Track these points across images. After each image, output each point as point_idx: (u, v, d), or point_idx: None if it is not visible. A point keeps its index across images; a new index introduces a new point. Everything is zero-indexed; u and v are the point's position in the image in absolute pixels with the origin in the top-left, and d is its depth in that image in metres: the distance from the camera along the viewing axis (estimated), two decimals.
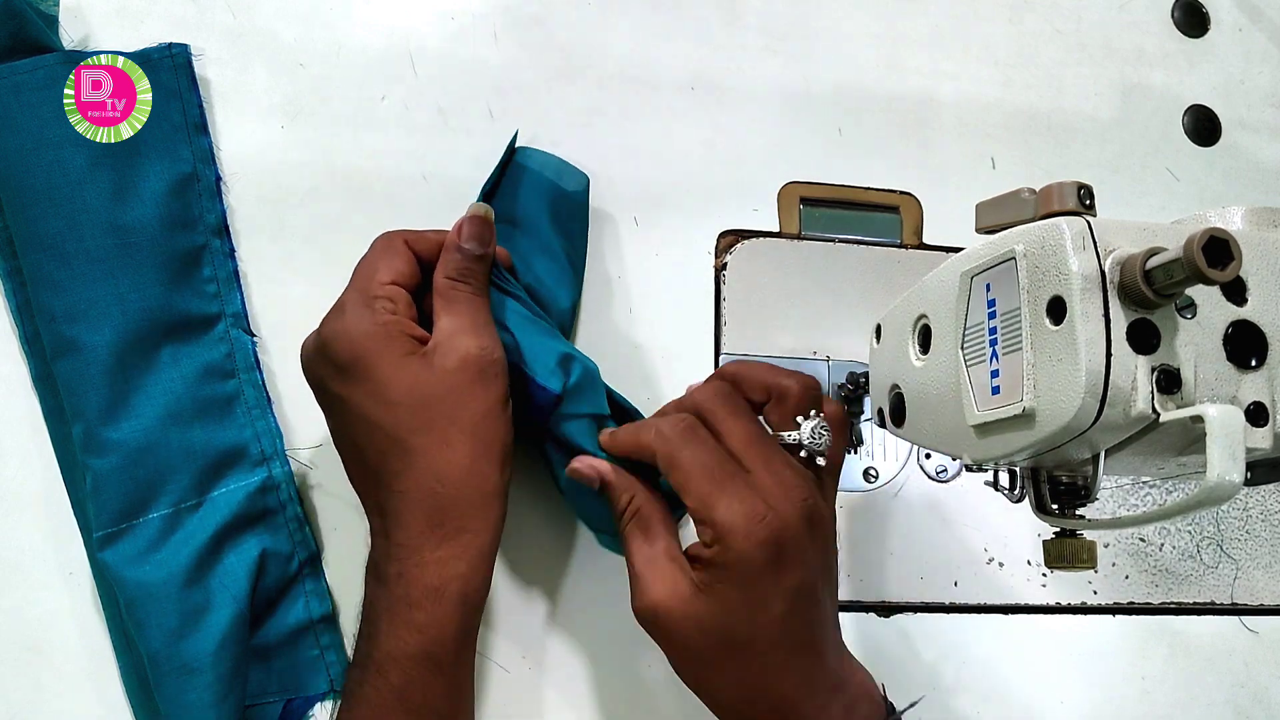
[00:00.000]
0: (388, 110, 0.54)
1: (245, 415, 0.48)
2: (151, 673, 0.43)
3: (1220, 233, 0.30)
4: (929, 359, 0.42)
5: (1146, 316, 0.33)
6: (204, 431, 0.47)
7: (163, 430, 0.46)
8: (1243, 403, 0.34)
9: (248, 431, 0.48)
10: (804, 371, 0.44)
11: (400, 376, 0.40)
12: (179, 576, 0.44)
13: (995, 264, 0.37)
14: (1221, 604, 0.57)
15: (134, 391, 0.46)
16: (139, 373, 0.46)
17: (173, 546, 0.45)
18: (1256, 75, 0.66)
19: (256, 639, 0.46)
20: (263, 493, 0.48)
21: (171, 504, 0.46)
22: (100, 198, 0.46)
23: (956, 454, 0.41)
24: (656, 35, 0.58)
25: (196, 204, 0.49)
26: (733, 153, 0.58)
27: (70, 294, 0.46)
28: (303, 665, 0.47)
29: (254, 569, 0.46)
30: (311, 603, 0.48)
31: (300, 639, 0.47)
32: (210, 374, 0.48)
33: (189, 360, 0.47)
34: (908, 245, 0.58)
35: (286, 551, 0.48)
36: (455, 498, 0.40)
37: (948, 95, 0.61)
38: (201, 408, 0.47)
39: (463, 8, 0.56)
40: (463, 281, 0.43)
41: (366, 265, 0.43)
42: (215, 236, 0.49)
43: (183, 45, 0.50)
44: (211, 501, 0.46)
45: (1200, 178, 0.64)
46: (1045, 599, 0.55)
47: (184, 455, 0.46)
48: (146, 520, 0.45)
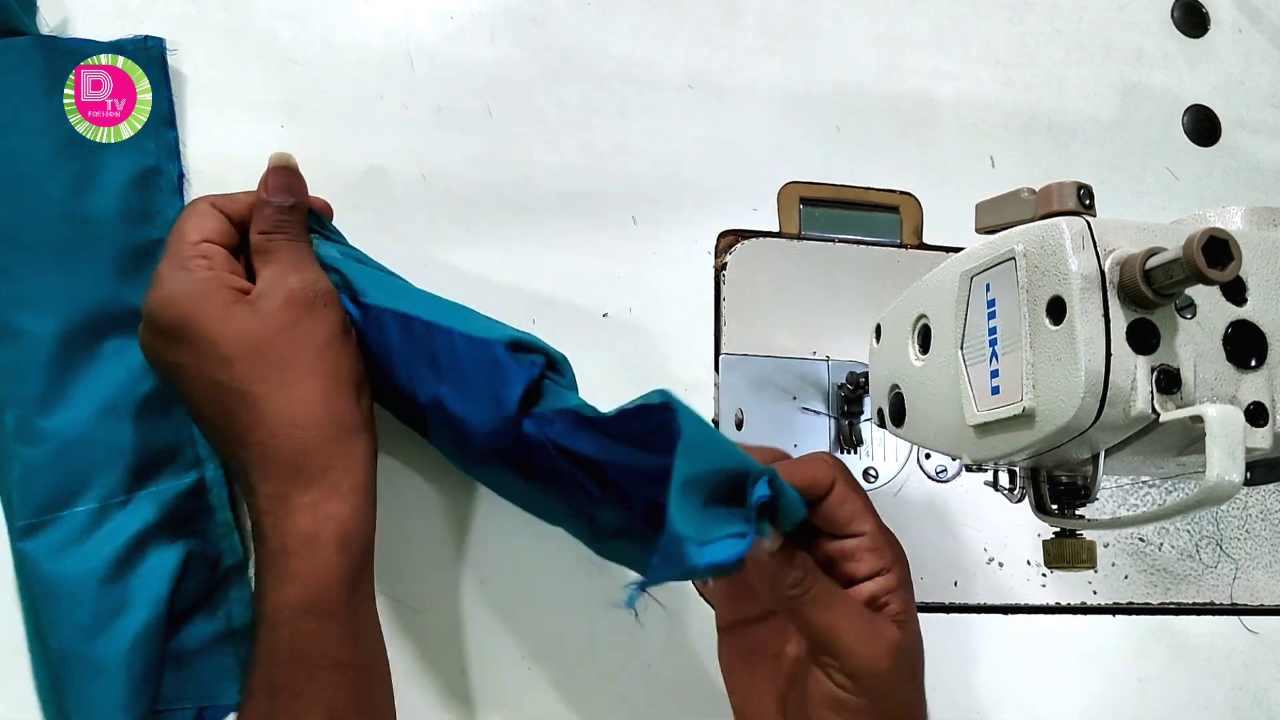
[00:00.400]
0: (386, 109, 0.54)
1: (184, 416, 0.47)
2: (61, 669, 0.43)
3: (1220, 233, 0.30)
4: (929, 359, 0.42)
5: (1146, 316, 0.33)
6: (140, 428, 0.46)
7: (98, 424, 0.45)
8: (1242, 403, 0.34)
9: (185, 432, 0.47)
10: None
11: (228, 329, 0.40)
12: (98, 573, 0.43)
13: (995, 264, 0.37)
14: (1221, 604, 0.57)
15: (73, 383, 0.45)
16: (81, 364, 0.46)
17: (96, 542, 0.44)
18: (1256, 75, 0.66)
19: (173, 644, 0.45)
20: (193, 495, 0.47)
21: (99, 499, 0.45)
22: (60, 186, 0.46)
23: (956, 454, 0.41)
24: (655, 35, 0.58)
25: (158, 198, 0.49)
26: (732, 153, 0.58)
27: (20, 280, 0.45)
28: (218, 673, 0.46)
29: (176, 572, 0.45)
30: (233, 611, 0.47)
31: (218, 647, 0.46)
32: (152, 371, 0.47)
33: (133, 355, 0.46)
34: (908, 245, 0.58)
35: (213, 557, 0.47)
36: (313, 438, 0.40)
37: (948, 95, 0.61)
38: (141, 404, 0.46)
39: (461, 7, 0.56)
40: (278, 233, 0.43)
41: (175, 231, 0.42)
42: None
43: (158, 39, 0.50)
44: (140, 499, 0.45)
45: (1200, 178, 0.64)
46: (1045, 599, 0.55)
47: (117, 451, 0.45)
48: (72, 513, 0.44)
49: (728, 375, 0.55)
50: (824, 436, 0.55)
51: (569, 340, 0.53)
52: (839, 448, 0.55)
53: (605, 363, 0.53)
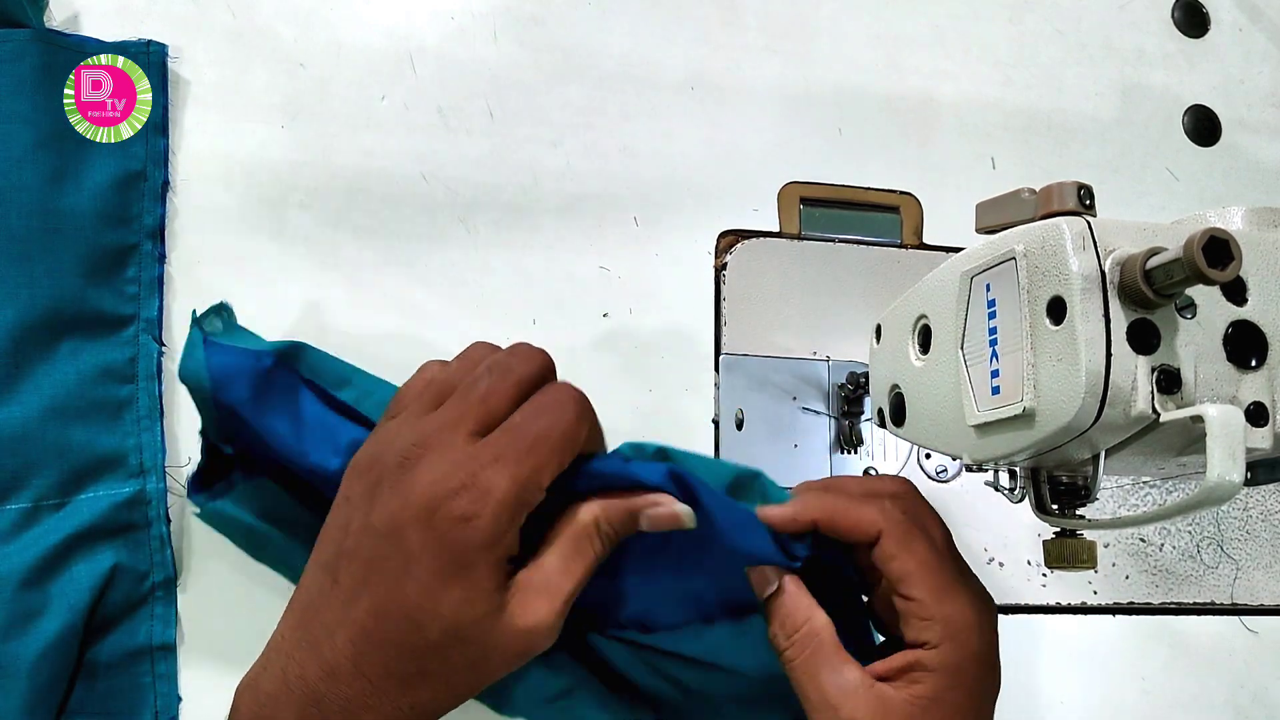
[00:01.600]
0: (387, 110, 0.54)
1: (133, 423, 0.46)
2: None
3: (1220, 233, 0.30)
4: (929, 359, 0.42)
5: (1146, 316, 0.33)
6: (85, 432, 0.45)
7: (42, 423, 0.44)
8: (1243, 403, 0.34)
9: (131, 440, 0.46)
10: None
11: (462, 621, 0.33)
12: (17, 575, 0.42)
13: (995, 264, 0.37)
14: (1221, 604, 0.57)
15: (23, 378, 0.45)
16: (32, 361, 0.45)
17: (22, 543, 0.43)
18: (1256, 75, 0.66)
19: (88, 655, 0.44)
20: (130, 506, 0.46)
21: (32, 499, 0.44)
22: (37, 178, 0.46)
23: (956, 454, 0.41)
24: (656, 35, 0.58)
25: (137, 203, 0.48)
26: (733, 153, 0.58)
27: None
28: (130, 690, 0.45)
29: (101, 582, 0.44)
30: (155, 628, 0.45)
31: (134, 663, 0.45)
32: (108, 376, 0.46)
33: (89, 358, 0.46)
34: (908, 245, 0.58)
35: (142, 570, 0.45)
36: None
37: (948, 95, 0.61)
38: (90, 408, 0.46)
39: (462, 7, 0.56)
40: (603, 544, 0.36)
41: (529, 460, 0.34)
42: (149, 239, 0.48)
43: (161, 45, 0.50)
44: (75, 504, 0.45)
45: (1200, 178, 0.64)
46: (1045, 599, 0.55)
47: (57, 452, 0.44)
48: (3, 510, 0.44)
49: (728, 375, 0.55)
50: (824, 436, 0.55)
51: (569, 340, 0.53)
52: (839, 448, 0.55)
53: (605, 363, 0.53)
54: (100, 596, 0.44)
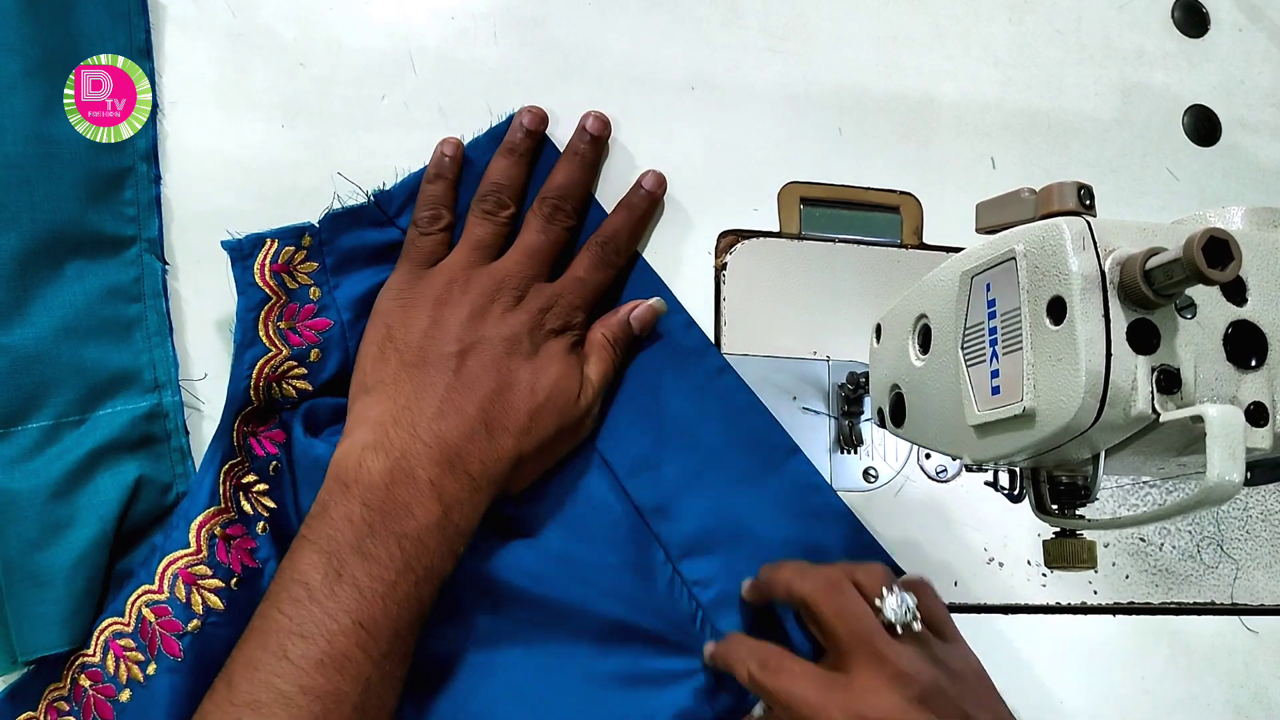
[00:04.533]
0: (388, 110, 0.54)
1: (144, 341, 0.48)
2: (4, 581, 0.43)
3: (1220, 233, 0.30)
4: (929, 359, 0.42)
5: (1146, 316, 0.33)
6: (98, 350, 0.46)
7: (55, 342, 0.46)
8: (1243, 403, 0.34)
9: (144, 357, 0.47)
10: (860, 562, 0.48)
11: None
12: (46, 488, 0.44)
13: (995, 264, 0.37)
14: (1221, 604, 0.57)
15: (32, 300, 0.46)
16: (40, 283, 0.46)
17: (46, 458, 0.45)
18: (1256, 75, 0.66)
19: (120, 564, 0.46)
20: (149, 419, 0.47)
21: (53, 416, 0.45)
22: (29, 105, 0.47)
23: (956, 454, 0.41)
24: (656, 35, 0.58)
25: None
26: (733, 153, 0.58)
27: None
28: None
29: (127, 494, 0.45)
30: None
31: None
32: (115, 295, 0.48)
33: (95, 278, 0.47)
34: (908, 245, 0.58)
35: (165, 482, 0.47)
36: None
37: (948, 95, 0.61)
38: (100, 327, 0.47)
39: (462, 8, 0.56)
40: (614, 350, 0.51)
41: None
42: (143, 161, 0.49)
43: None
44: (95, 420, 0.46)
45: (1200, 178, 0.64)
46: (1045, 599, 0.56)
47: (73, 370, 0.46)
48: (24, 429, 0.45)
49: None
50: (824, 436, 0.55)
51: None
52: (839, 447, 0.55)
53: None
54: (127, 508, 0.45)
